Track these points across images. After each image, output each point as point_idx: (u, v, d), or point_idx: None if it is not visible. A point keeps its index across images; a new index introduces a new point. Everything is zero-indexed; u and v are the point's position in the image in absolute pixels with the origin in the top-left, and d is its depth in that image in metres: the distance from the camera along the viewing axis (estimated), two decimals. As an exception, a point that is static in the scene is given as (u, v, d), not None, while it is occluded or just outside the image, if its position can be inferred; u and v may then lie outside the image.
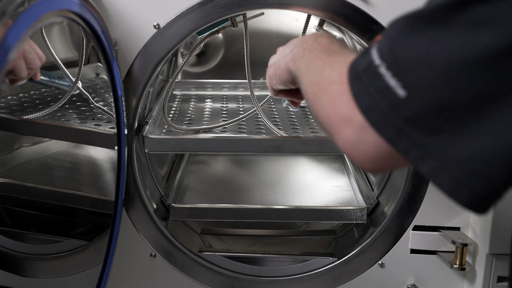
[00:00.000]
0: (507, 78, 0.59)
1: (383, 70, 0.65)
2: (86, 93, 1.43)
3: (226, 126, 1.40)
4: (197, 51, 1.92)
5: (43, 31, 1.33)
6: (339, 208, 1.39)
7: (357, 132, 0.68)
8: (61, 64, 1.34)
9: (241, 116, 1.40)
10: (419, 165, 0.64)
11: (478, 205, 0.63)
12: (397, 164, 0.70)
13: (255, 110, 1.38)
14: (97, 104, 1.43)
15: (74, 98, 1.52)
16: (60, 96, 1.41)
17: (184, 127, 1.38)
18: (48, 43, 1.33)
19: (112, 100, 1.22)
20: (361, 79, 0.67)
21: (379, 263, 1.33)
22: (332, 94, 0.72)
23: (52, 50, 1.34)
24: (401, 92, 0.63)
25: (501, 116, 0.60)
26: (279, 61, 1.05)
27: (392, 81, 0.64)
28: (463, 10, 0.60)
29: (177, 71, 1.35)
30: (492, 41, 0.58)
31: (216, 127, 1.38)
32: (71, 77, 1.36)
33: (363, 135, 0.68)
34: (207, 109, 1.66)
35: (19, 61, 1.12)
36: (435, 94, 0.62)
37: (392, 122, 0.64)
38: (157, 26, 1.22)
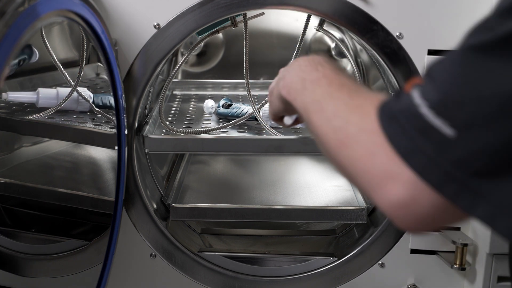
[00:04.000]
0: None
1: (424, 109, 0.59)
2: (86, 98, 1.43)
3: (225, 128, 1.40)
4: (197, 51, 1.92)
5: (43, 31, 1.32)
6: (339, 208, 1.39)
7: (407, 190, 0.61)
8: (60, 66, 1.34)
9: (239, 118, 1.40)
10: (472, 211, 0.59)
11: None
12: (446, 220, 0.64)
13: (253, 113, 1.38)
14: (96, 109, 1.43)
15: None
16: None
17: (182, 129, 1.38)
18: (47, 44, 1.33)
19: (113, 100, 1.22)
20: (398, 121, 0.62)
21: (379, 263, 1.33)
22: (368, 145, 0.65)
23: (51, 52, 1.34)
24: (448, 131, 0.57)
25: None
26: (272, 88, 0.99)
27: (436, 121, 0.58)
28: None
29: (174, 71, 1.35)
30: None
31: (214, 129, 1.38)
32: (71, 80, 1.36)
33: (416, 193, 0.60)
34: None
35: None
36: (490, 132, 0.56)
37: (438, 166, 0.58)
38: (157, 26, 1.22)
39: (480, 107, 0.56)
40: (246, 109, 1.45)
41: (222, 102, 1.52)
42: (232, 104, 1.50)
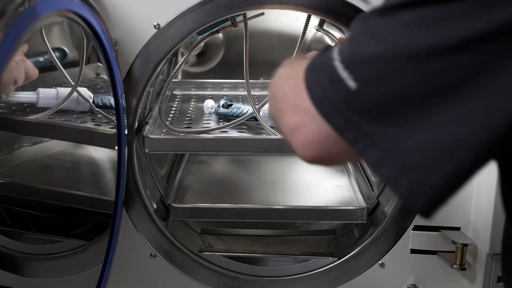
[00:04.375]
0: (453, 74, 0.61)
1: (337, 63, 0.66)
2: (86, 98, 1.43)
3: (225, 128, 1.40)
4: (197, 51, 1.92)
5: (43, 31, 1.32)
6: (339, 208, 1.39)
7: (301, 117, 0.70)
8: (60, 66, 1.34)
9: (239, 118, 1.40)
10: (365, 155, 0.66)
11: (418, 202, 0.64)
12: (338, 155, 0.71)
13: (253, 113, 1.38)
14: (96, 109, 1.43)
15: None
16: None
17: (182, 129, 1.38)
18: (47, 44, 1.32)
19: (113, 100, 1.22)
20: (317, 71, 0.69)
21: (379, 263, 1.33)
22: (284, 89, 0.76)
23: (51, 52, 1.33)
24: (352, 84, 0.65)
25: (445, 111, 0.61)
26: None
27: (343, 73, 0.65)
28: (413, 9, 0.62)
29: (174, 71, 1.35)
30: (438, 38, 0.61)
31: (214, 129, 1.38)
32: (71, 80, 1.36)
33: (306, 120, 0.69)
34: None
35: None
36: (384, 87, 0.63)
37: (342, 113, 0.66)
38: (157, 26, 1.22)
39: (377, 64, 0.64)
40: (246, 109, 1.45)
41: (222, 102, 1.52)
42: (232, 104, 1.50)
